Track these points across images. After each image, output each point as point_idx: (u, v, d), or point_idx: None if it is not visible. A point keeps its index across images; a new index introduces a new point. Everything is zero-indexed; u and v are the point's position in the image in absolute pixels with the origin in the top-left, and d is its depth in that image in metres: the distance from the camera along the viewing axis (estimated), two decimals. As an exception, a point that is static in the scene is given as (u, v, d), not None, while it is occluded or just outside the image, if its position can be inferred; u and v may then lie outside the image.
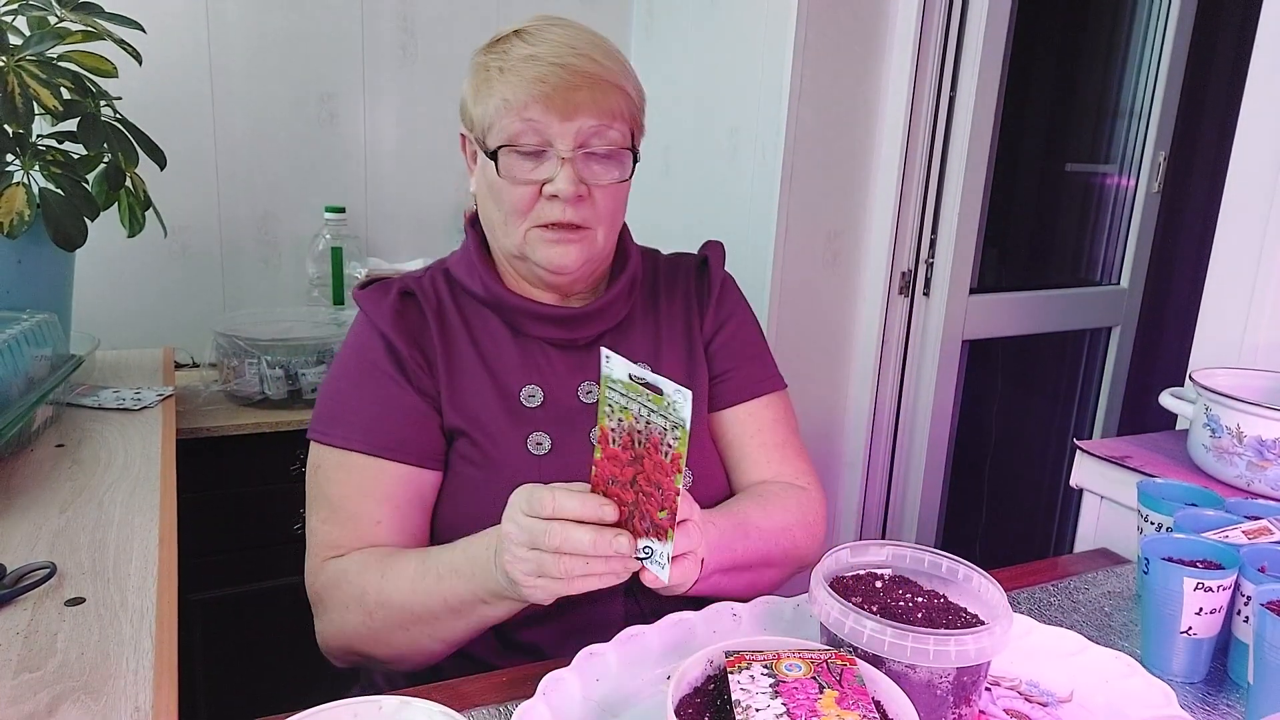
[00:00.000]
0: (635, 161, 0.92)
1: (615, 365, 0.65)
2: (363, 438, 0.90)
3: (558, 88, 0.85)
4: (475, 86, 0.92)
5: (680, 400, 0.62)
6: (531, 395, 0.94)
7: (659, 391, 0.63)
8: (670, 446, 0.64)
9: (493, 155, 0.89)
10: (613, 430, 0.66)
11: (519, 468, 0.91)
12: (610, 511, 0.68)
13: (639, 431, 0.65)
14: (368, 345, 0.93)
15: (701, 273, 1.09)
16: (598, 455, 0.68)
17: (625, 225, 1.05)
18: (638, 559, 0.69)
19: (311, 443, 0.93)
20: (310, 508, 0.93)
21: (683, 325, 1.04)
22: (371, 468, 0.90)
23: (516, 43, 0.89)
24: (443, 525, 0.93)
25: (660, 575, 0.68)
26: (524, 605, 0.78)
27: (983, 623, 0.68)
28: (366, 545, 0.89)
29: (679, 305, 1.05)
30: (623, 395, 0.65)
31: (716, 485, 1.01)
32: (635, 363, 0.65)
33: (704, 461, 1.01)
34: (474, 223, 1.01)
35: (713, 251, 1.10)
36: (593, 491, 0.70)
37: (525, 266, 0.95)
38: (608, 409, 0.66)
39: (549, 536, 0.68)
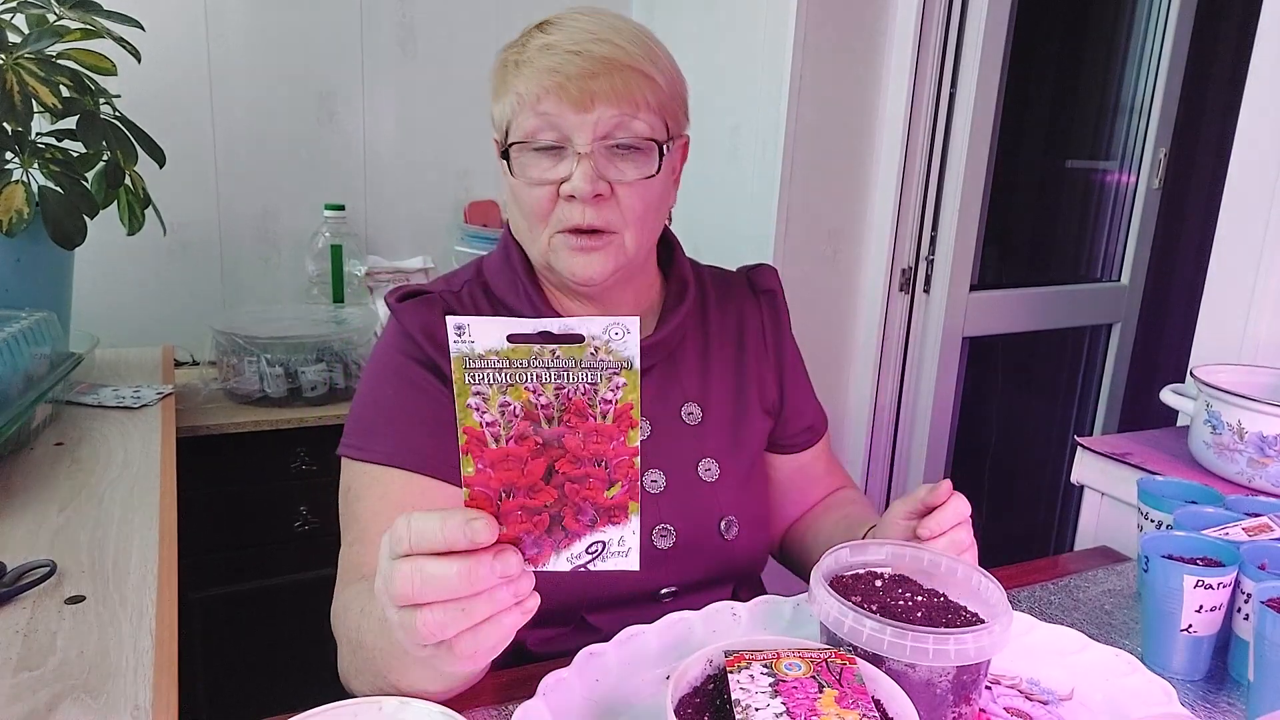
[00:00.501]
0: (662, 156, 0.83)
1: (477, 334, 0.47)
2: (404, 454, 0.82)
3: (572, 76, 0.78)
4: (495, 84, 0.85)
5: (619, 335, 0.47)
6: None
7: (576, 340, 0.47)
8: (610, 401, 0.48)
9: (505, 155, 0.83)
10: (489, 425, 0.48)
11: None
12: (482, 528, 0.50)
13: (544, 405, 0.48)
14: (408, 361, 0.86)
15: (762, 304, 1.03)
16: (468, 471, 0.50)
17: (676, 240, 0.99)
18: (582, 567, 0.53)
19: (343, 464, 0.85)
20: (342, 536, 0.85)
21: (734, 351, 0.99)
22: (415, 485, 0.82)
23: (536, 34, 0.82)
24: None
25: (626, 564, 0.53)
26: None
27: (982, 621, 0.67)
28: None
29: (731, 328, 1.00)
30: (499, 370, 0.48)
31: (765, 530, 1.00)
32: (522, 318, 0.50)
33: (753, 503, 0.97)
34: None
35: (777, 284, 1.04)
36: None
37: (556, 277, 0.88)
38: (476, 399, 0.48)
39: (402, 584, 0.51)
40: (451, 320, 0.47)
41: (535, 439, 0.49)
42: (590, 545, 0.52)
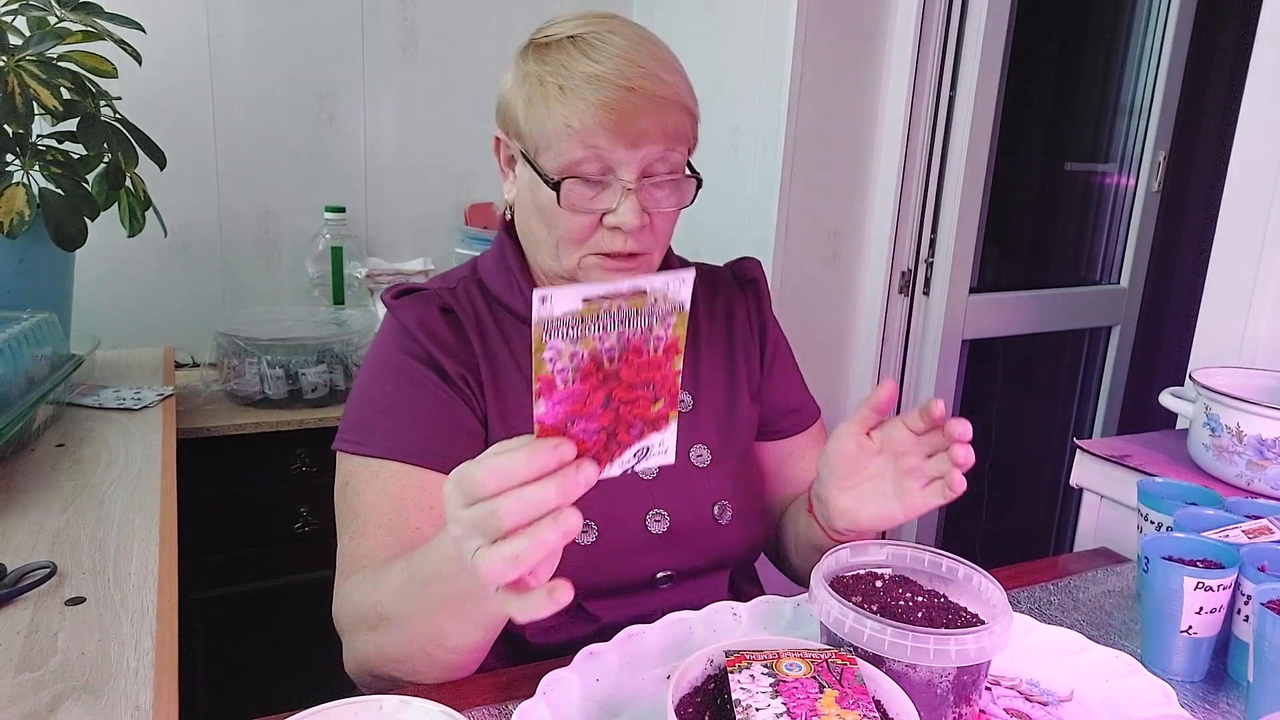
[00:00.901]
0: (699, 186, 0.87)
1: (557, 301, 0.53)
2: (403, 448, 0.83)
3: (626, 114, 0.79)
4: (528, 98, 0.83)
5: (676, 285, 0.55)
6: None
7: (640, 293, 0.54)
8: (662, 338, 0.56)
9: (555, 185, 0.82)
10: (561, 371, 0.55)
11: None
12: (569, 450, 0.55)
13: (608, 349, 0.55)
14: (407, 355, 0.87)
15: (747, 293, 1.05)
16: (540, 410, 0.55)
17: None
18: (630, 469, 0.60)
19: (340, 458, 0.86)
20: (339, 531, 0.85)
21: (724, 344, 1.01)
22: (414, 476, 0.82)
23: (577, 56, 0.81)
24: None
25: (665, 460, 0.61)
26: None
27: (983, 622, 0.68)
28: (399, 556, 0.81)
29: (720, 322, 1.02)
30: (572, 326, 0.54)
31: (759, 516, 1.00)
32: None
33: (745, 488, 0.98)
34: (510, 229, 0.94)
35: (759, 273, 1.06)
36: None
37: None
38: (550, 353, 0.54)
39: (507, 517, 0.54)
40: (537, 292, 0.52)
41: (599, 374, 0.56)
42: (637, 451, 0.59)
